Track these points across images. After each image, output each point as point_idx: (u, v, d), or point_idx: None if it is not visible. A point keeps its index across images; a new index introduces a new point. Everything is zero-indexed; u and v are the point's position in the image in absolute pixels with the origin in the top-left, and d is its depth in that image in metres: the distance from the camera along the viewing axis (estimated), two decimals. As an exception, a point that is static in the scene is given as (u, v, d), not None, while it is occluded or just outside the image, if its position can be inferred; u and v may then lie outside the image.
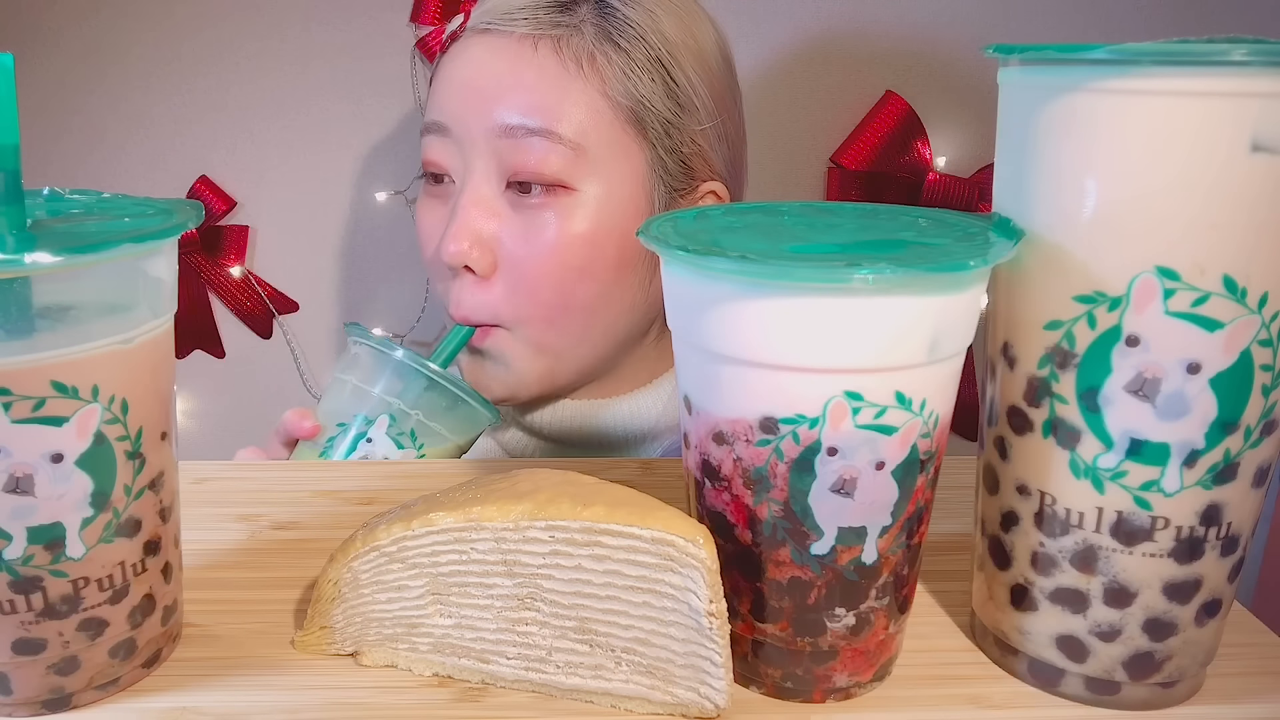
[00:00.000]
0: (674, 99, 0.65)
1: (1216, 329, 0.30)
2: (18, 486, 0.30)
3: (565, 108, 0.62)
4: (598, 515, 0.31)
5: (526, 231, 0.63)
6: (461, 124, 0.63)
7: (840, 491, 0.31)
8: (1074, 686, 0.35)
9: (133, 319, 0.32)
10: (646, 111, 0.64)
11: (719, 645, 0.31)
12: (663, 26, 0.65)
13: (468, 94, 0.63)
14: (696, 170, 0.67)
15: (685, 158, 0.66)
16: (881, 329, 0.29)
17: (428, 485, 0.50)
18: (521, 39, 0.62)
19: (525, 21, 0.63)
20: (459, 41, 0.66)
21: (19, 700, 0.32)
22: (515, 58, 0.62)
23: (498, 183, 0.63)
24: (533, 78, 0.62)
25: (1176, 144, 0.29)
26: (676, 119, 0.65)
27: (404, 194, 1.04)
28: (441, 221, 0.66)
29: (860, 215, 0.37)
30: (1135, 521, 0.32)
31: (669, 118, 0.65)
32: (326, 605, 0.36)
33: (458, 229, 0.63)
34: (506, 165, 0.62)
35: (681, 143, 0.66)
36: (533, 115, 0.61)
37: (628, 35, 0.63)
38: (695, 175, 0.67)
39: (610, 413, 0.71)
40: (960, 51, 0.99)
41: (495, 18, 0.64)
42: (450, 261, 0.63)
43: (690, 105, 0.66)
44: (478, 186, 0.63)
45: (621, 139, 0.63)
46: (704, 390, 0.33)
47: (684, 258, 0.30)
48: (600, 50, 0.62)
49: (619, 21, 0.63)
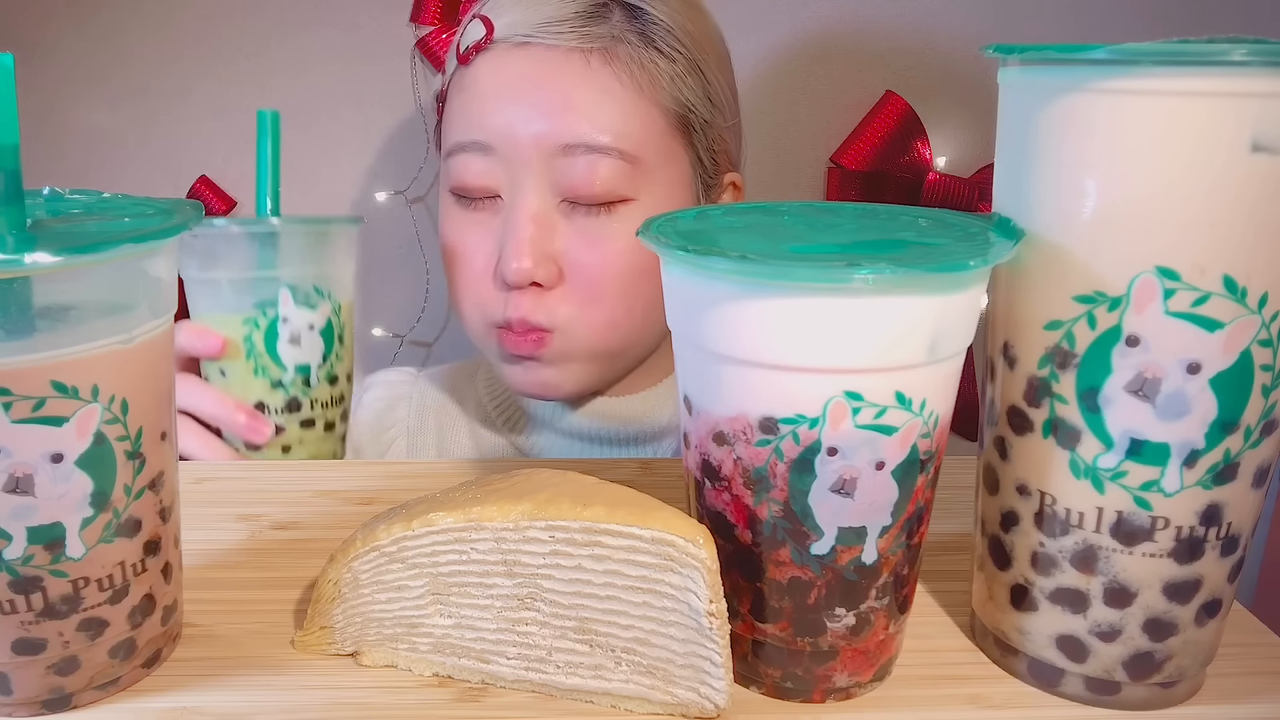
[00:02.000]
0: (708, 98, 0.65)
1: (1216, 329, 0.30)
2: (18, 486, 0.30)
3: (623, 123, 0.61)
4: (598, 515, 0.31)
5: (589, 239, 0.62)
6: (509, 142, 0.61)
7: (840, 491, 0.31)
8: (1074, 686, 0.35)
9: (133, 319, 0.32)
10: (690, 114, 0.64)
11: (719, 645, 0.31)
12: (687, 24, 0.65)
13: (516, 110, 0.61)
14: (721, 165, 0.68)
15: (715, 154, 0.67)
16: (881, 329, 0.29)
17: (428, 485, 0.50)
18: (570, 52, 0.61)
19: (573, 34, 0.61)
20: (488, 54, 0.63)
21: (19, 700, 0.32)
22: (566, 72, 0.61)
23: (552, 196, 0.62)
24: (589, 94, 0.60)
25: (1176, 144, 0.29)
26: (711, 118, 0.66)
27: (404, 194, 1.04)
28: (486, 240, 0.64)
29: (860, 215, 0.37)
30: (1135, 521, 0.32)
31: (706, 118, 0.65)
32: (326, 605, 0.36)
33: (520, 246, 0.61)
34: (562, 182, 0.61)
35: (714, 140, 0.66)
36: (592, 133, 0.60)
37: (667, 39, 0.63)
38: (720, 169, 0.68)
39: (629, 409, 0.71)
40: (960, 51, 0.99)
41: (534, 30, 0.61)
42: (516, 280, 0.61)
43: (719, 102, 0.66)
44: (532, 202, 0.61)
45: (670, 145, 0.64)
46: (704, 390, 0.33)
47: (684, 258, 0.30)
48: (648, 58, 0.62)
49: (653, 24, 0.63)
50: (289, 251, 0.57)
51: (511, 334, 0.64)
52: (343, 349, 0.61)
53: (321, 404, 0.60)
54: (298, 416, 0.59)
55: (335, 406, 0.61)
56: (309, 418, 0.60)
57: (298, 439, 0.60)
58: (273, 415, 0.58)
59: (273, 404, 0.58)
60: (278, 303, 0.57)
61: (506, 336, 0.64)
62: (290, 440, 0.59)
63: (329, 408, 0.61)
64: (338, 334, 0.60)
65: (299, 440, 0.60)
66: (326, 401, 0.60)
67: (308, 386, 0.59)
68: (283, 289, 0.57)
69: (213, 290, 0.58)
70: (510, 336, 0.64)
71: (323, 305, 0.58)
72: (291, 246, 0.57)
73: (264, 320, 0.57)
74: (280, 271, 0.57)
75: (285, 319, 0.57)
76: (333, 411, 0.61)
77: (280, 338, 0.57)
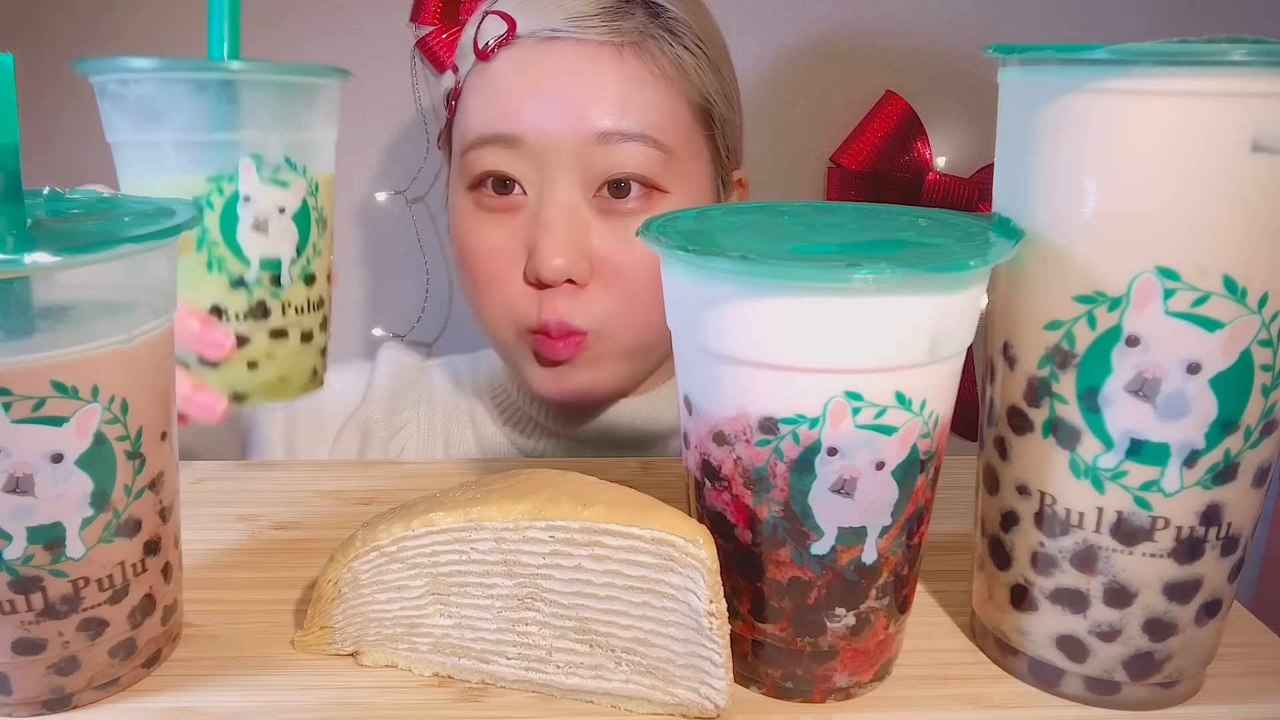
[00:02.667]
0: (725, 94, 0.66)
1: (1216, 329, 0.30)
2: (18, 486, 0.30)
3: (656, 113, 0.61)
4: (598, 515, 0.31)
5: (623, 237, 0.61)
6: (540, 134, 0.60)
7: (840, 491, 0.31)
8: (1074, 686, 0.35)
9: (133, 319, 0.32)
10: (712, 107, 0.64)
11: (719, 645, 0.31)
12: (702, 22, 0.65)
13: (548, 102, 0.60)
14: (731, 161, 0.68)
15: (730, 151, 0.67)
16: (881, 329, 0.29)
17: (428, 485, 0.50)
18: (601, 46, 0.61)
19: (603, 28, 0.61)
20: (511, 49, 0.62)
21: (19, 700, 0.32)
22: (600, 64, 0.60)
23: (583, 191, 0.61)
24: (623, 84, 0.60)
25: (1176, 144, 0.29)
26: (728, 113, 0.66)
27: (404, 194, 1.04)
28: (509, 239, 0.62)
29: (860, 215, 0.37)
30: (1135, 521, 0.32)
31: (725, 114, 0.66)
32: (326, 605, 0.36)
33: (556, 243, 0.59)
34: (598, 170, 0.60)
35: (729, 135, 0.67)
36: (628, 120, 0.60)
37: (689, 34, 0.63)
38: (730, 165, 0.68)
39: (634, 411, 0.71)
40: (960, 51, 0.99)
41: (562, 24, 0.61)
42: (552, 277, 0.60)
43: (732, 97, 0.67)
44: (564, 196, 0.60)
45: (696, 139, 0.64)
46: (704, 390, 0.33)
47: (684, 258, 0.30)
48: (675, 53, 0.62)
49: (674, 20, 0.63)
50: (253, 109, 0.45)
51: (549, 339, 0.62)
52: (321, 239, 0.48)
53: (295, 308, 0.48)
54: (265, 325, 0.47)
55: (314, 312, 0.49)
56: (280, 326, 0.47)
57: (265, 353, 0.47)
58: (233, 322, 0.46)
59: (233, 308, 0.46)
60: (237, 176, 0.44)
61: (543, 342, 0.62)
62: (257, 354, 0.47)
63: (305, 313, 0.48)
64: (315, 219, 0.48)
65: (267, 354, 0.47)
66: (302, 306, 0.48)
67: (277, 286, 0.46)
68: (244, 159, 0.44)
69: (152, 156, 0.45)
70: (547, 342, 0.62)
71: (296, 182, 0.46)
72: (256, 102, 0.45)
73: (219, 199, 0.44)
74: (241, 135, 0.44)
75: (247, 198, 0.45)
76: (310, 319, 0.49)
77: (241, 222, 0.45)
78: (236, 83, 0.44)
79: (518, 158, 0.61)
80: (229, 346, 0.45)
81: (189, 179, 0.44)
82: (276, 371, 0.47)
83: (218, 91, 0.44)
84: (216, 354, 0.45)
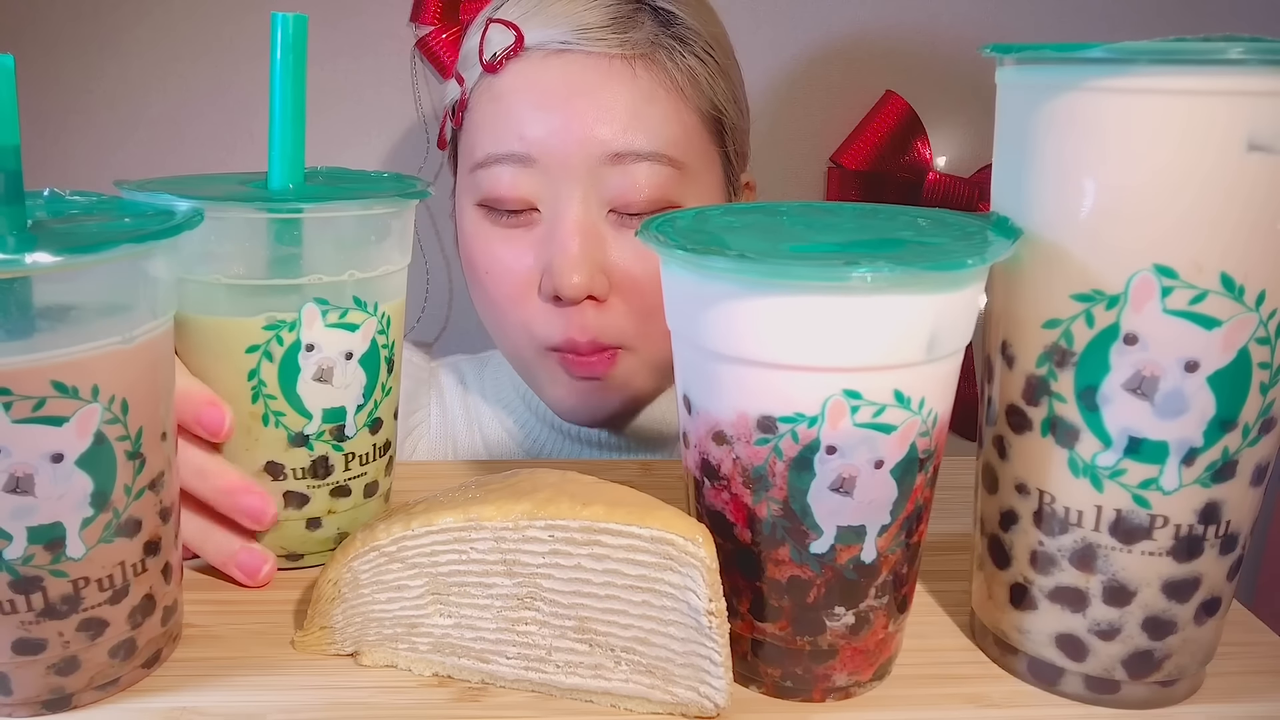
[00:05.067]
0: (734, 100, 0.65)
1: (1214, 327, 0.30)
2: (18, 486, 0.30)
3: (669, 129, 0.60)
4: (597, 514, 0.31)
5: (640, 250, 0.60)
6: (552, 153, 0.59)
7: (839, 490, 0.31)
8: (1073, 685, 0.35)
9: (133, 319, 0.32)
10: (723, 116, 0.64)
11: (718, 644, 0.31)
12: (710, 27, 0.64)
13: (559, 120, 0.58)
14: (740, 165, 0.68)
15: (739, 156, 0.67)
16: (880, 328, 0.30)
17: (428, 485, 0.50)
18: (612, 59, 0.59)
19: (613, 40, 0.59)
20: (519, 62, 0.60)
21: (19, 700, 0.32)
22: (611, 80, 0.59)
23: (598, 207, 0.60)
24: (636, 102, 0.59)
25: (1174, 142, 0.29)
26: (738, 119, 0.66)
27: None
28: (523, 255, 0.61)
29: (860, 215, 0.37)
30: (1134, 520, 0.32)
31: (734, 120, 0.65)
32: (326, 605, 0.36)
33: (572, 261, 0.58)
34: (611, 188, 0.59)
35: (738, 141, 0.66)
36: (641, 141, 0.59)
37: (698, 42, 0.62)
38: (739, 170, 0.68)
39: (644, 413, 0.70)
40: (960, 51, 0.99)
41: (570, 36, 0.59)
42: (573, 295, 0.58)
43: (740, 101, 0.66)
44: (579, 213, 0.59)
45: (708, 149, 0.63)
46: (703, 390, 0.33)
47: (683, 257, 0.30)
48: (685, 63, 0.61)
49: (684, 28, 0.62)
50: (319, 248, 0.39)
51: (579, 356, 0.61)
52: (391, 378, 0.43)
53: (360, 458, 0.43)
54: (327, 484, 0.42)
55: (379, 459, 0.44)
56: (342, 483, 0.42)
57: (326, 509, 0.42)
58: (290, 481, 0.41)
59: (291, 465, 0.41)
60: (299, 323, 0.39)
61: (571, 360, 0.61)
62: (318, 511, 0.42)
63: (370, 462, 0.43)
64: (384, 358, 0.42)
65: (328, 511, 0.42)
66: (368, 454, 0.43)
67: (341, 440, 0.42)
68: (307, 304, 0.39)
69: (200, 295, 0.39)
70: (578, 360, 0.61)
71: (366, 322, 0.41)
72: (323, 240, 0.40)
73: (278, 348, 0.39)
74: (305, 279, 0.39)
75: (310, 346, 0.40)
76: (375, 467, 0.44)
77: (303, 373, 0.40)
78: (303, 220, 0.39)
79: (530, 177, 0.60)
80: (270, 517, 0.40)
81: (242, 323, 0.39)
82: (337, 528, 0.43)
83: (279, 232, 0.39)
84: (256, 525, 0.40)
